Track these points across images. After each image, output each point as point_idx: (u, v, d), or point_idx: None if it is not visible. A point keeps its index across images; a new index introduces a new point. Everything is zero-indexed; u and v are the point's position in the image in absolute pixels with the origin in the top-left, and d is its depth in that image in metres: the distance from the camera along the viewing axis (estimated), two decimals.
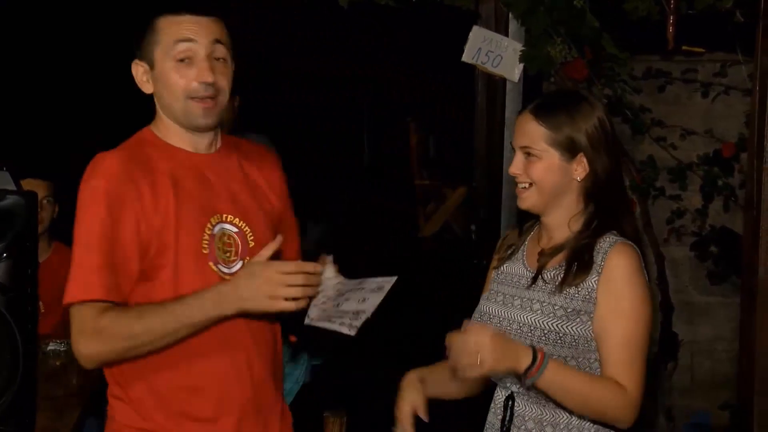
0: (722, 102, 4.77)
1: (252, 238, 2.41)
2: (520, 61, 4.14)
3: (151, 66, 2.37)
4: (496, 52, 4.16)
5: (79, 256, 2.29)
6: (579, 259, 2.30)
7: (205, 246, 2.35)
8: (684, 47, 4.59)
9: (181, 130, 2.40)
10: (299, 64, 9.13)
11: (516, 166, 2.36)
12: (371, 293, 2.29)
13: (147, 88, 2.41)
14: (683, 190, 4.74)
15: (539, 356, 2.17)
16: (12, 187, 2.91)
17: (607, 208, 2.35)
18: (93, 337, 2.25)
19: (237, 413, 2.40)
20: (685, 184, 4.72)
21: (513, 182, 4.25)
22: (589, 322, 2.27)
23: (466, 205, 6.08)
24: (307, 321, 2.31)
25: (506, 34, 4.17)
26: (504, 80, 4.21)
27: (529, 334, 2.30)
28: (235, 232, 2.39)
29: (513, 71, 4.18)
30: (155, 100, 2.42)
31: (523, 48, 4.13)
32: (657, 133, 4.70)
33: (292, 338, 2.60)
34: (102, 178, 2.29)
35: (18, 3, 6.57)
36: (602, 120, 2.34)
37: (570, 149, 2.31)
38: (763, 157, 3.11)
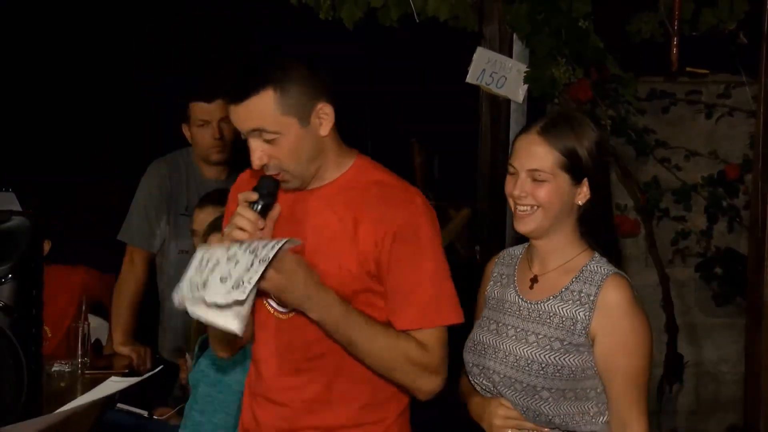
0: (726, 123, 4.78)
1: None
2: (525, 82, 4.15)
3: None
4: (500, 73, 4.16)
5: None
6: (578, 291, 2.28)
7: None
8: (688, 68, 4.61)
9: None
10: None
11: (522, 188, 2.27)
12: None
13: None
14: (688, 212, 4.74)
15: None
16: (17, 207, 2.91)
17: (598, 232, 2.33)
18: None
19: None
20: (689, 205, 4.73)
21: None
22: (586, 353, 2.25)
23: (471, 226, 6.06)
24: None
25: (510, 55, 4.18)
26: (508, 101, 4.22)
27: (527, 368, 2.26)
28: None
29: (517, 92, 4.18)
30: None
31: (527, 69, 4.14)
32: (661, 155, 4.71)
33: None
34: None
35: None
36: (605, 141, 2.33)
37: (578, 173, 2.27)
38: None
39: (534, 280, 2.35)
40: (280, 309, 2.36)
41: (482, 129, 4.33)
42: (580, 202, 2.29)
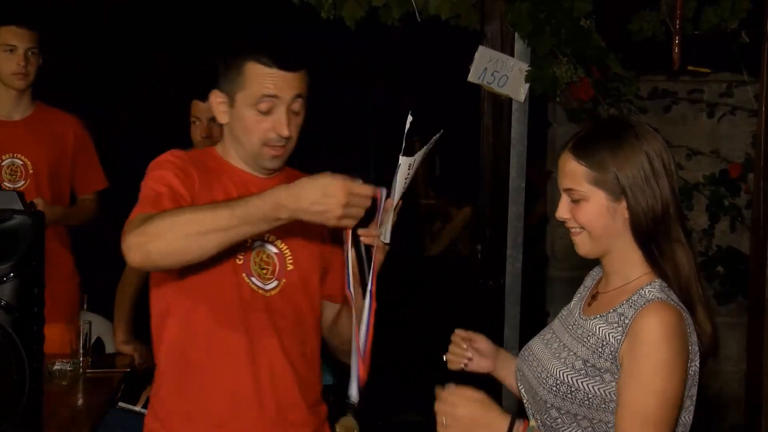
0: (728, 122, 4.77)
1: (291, 261, 2.47)
2: (526, 81, 4.15)
3: (232, 103, 2.41)
4: (501, 72, 4.16)
5: (142, 197, 2.36)
6: (622, 313, 2.07)
7: (240, 258, 2.41)
8: (690, 67, 4.60)
9: (244, 158, 2.47)
10: None
11: (562, 210, 2.12)
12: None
13: (223, 118, 2.46)
14: (689, 210, 4.73)
15: (519, 430, 2.02)
16: (19, 206, 2.92)
17: (651, 252, 2.09)
18: (140, 229, 2.17)
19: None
20: (691, 204, 4.72)
21: (518, 202, 4.27)
22: (612, 383, 2.03)
23: (472, 225, 6.07)
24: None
25: (512, 54, 4.18)
26: (510, 100, 4.22)
27: (543, 381, 2.13)
28: (274, 253, 2.45)
29: (519, 91, 4.18)
30: (226, 128, 2.48)
31: (528, 68, 4.14)
32: None
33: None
34: (170, 155, 2.42)
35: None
36: (650, 156, 2.06)
37: (617, 188, 2.06)
38: None
39: (594, 297, 2.21)
40: (262, 286, 2.44)
41: (484, 128, 4.34)
42: (628, 218, 2.09)
